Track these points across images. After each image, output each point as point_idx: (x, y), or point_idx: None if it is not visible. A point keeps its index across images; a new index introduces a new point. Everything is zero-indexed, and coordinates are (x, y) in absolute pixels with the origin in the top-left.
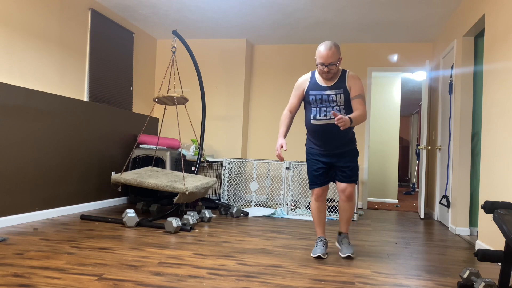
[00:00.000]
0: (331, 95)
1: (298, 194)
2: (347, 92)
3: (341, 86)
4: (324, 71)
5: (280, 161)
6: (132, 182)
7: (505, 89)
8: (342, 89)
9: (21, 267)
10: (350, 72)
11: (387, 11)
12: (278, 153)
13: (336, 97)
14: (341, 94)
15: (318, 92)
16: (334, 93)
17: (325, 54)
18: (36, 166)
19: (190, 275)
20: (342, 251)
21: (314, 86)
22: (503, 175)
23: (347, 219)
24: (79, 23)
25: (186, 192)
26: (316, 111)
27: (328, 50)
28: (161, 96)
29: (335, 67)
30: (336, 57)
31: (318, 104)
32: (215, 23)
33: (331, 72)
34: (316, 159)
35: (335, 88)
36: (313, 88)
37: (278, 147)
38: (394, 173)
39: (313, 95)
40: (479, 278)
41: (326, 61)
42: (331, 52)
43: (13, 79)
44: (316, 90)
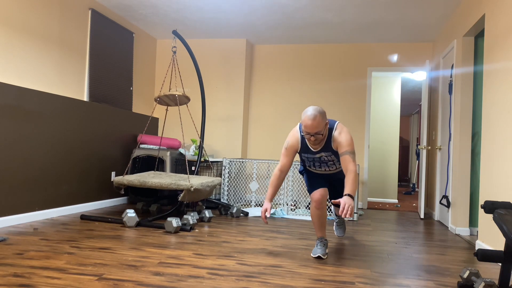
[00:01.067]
0: (322, 156)
1: (298, 194)
2: (335, 152)
3: (329, 150)
4: (311, 139)
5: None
6: (135, 183)
7: (505, 89)
8: (330, 152)
9: (21, 267)
10: (337, 129)
11: (387, 11)
12: (263, 217)
13: (328, 158)
14: (331, 155)
15: (310, 156)
16: (325, 155)
17: (310, 124)
18: (36, 166)
19: (190, 275)
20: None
21: (305, 149)
22: (503, 175)
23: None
24: (79, 23)
25: (191, 188)
26: (310, 164)
27: (313, 121)
28: (162, 95)
29: (321, 136)
30: (321, 125)
31: (311, 161)
32: (215, 23)
33: (317, 140)
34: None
35: (324, 151)
36: (304, 151)
37: (263, 211)
38: (394, 173)
39: (306, 157)
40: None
41: (312, 131)
42: (316, 122)
43: (13, 79)
44: (308, 154)
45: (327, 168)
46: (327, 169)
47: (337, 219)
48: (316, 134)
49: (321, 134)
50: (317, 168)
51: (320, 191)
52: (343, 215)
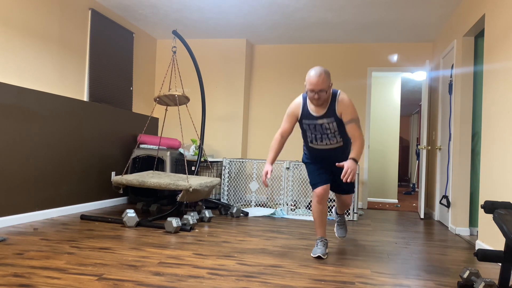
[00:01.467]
0: (323, 124)
1: (298, 194)
2: (338, 119)
3: (332, 115)
4: (314, 97)
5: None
6: (134, 183)
7: (505, 89)
8: (333, 118)
9: (21, 267)
10: (340, 95)
11: (387, 11)
12: (264, 180)
13: (329, 125)
14: (333, 122)
15: (311, 122)
16: (326, 121)
17: (315, 81)
18: (36, 166)
19: (190, 275)
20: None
21: (307, 116)
22: (503, 175)
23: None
24: (79, 23)
25: (190, 189)
26: (312, 137)
27: (318, 77)
28: (162, 95)
29: (325, 94)
30: (326, 84)
31: (313, 131)
32: (215, 23)
33: (321, 99)
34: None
35: (326, 117)
36: (305, 117)
37: (264, 173)
38: (394, 173)
39: (307, 124)
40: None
41: (316, 88)
42: (321, 79)
43: (13, 79)
44: (309, 120)
45: (327, 142)
46: (328, 143)
47: (338, 218)
48: (320, 92)
49: (325, 92)
50: (318, 143)
51: (323, 186)
52: (344, 179)
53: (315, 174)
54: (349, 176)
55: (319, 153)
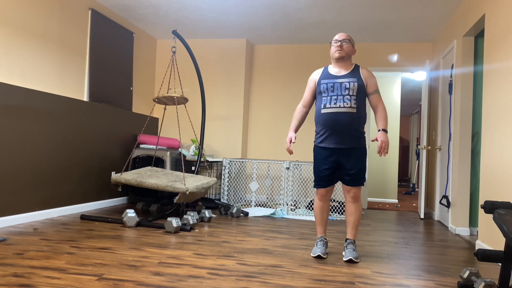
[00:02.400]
0: (344, 82)
1: (298, 194)
2: (361, 81)
3: (356, 76)
4: (338, 47)
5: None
6: (132, 182)
7: (505, 89)
8: (356, 78)
9: (21, 267)
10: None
11: (387, 11)
12: (287, 147)
13: (350, 85)
14: (355, 82)
15: (330, 81)
16: (348, 81)
17: (340, 34)
18: (36, 166)
19: (190, 275)
20: (345, 255)
21: (326, 76)
22: (503, 175)
23: (353, 224)
24: (79, 23)
25: (186, 192)
26: (326, 100)
27: (343, 33)
28: (161, 96)
29: (349, 45)
30: (350, 39)
31: (329, 92)
32: (215, 23)
33: (344, 49)
34: (324, 160)
35: (349, 76)
36: (325, 78)
37: (288, 140)
38: (394, 173)
39: (325, 83)
40: (479, 278)
41: (340, 37)
42: (346, 34)
43: (13, 79)
44: (328, 79)
45: (342, 103)
46: (342, 105)
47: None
48: (343, 41)
49: (349, 43)
50: (332, 105)
51: (325, 188)
52: (380, 153)
53: (320, 174)
54: (384, 149)
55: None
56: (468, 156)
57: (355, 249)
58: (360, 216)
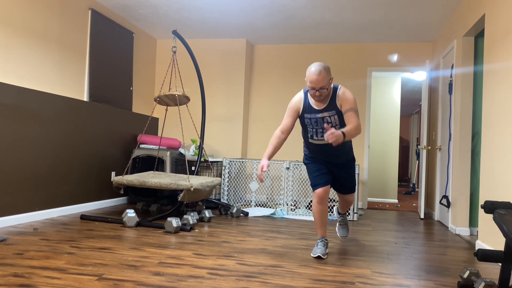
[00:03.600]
0: (325, 117)
1: (298, 194)
2: (339, 111)
3: (333, 108)
4: (316, 94)
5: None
6: (135, 183)
7: (505, 89)
8: (334, 111)
9: (21, 267)
10: (341, 89)
11: (387, 11)
12: (259, 174)
13: (330, 119)
14: (334, 115)
15: (313, 115)
16: (328, 115)
17: (315, 79)
18: (36, 166)
19: (190, 275)
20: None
21: (308, 109)
22: (503, 175)
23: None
24: (79, 23)
25: (191, 188)
26: (312, 132)
27: (318, 75)
28: (162, 95)
29: (326, 90)
30: (326, 80)
31: (314, 125)
32: (215, 23)
33: (322, 95)
34: (317, 162)
35: (328, 110)
36: (307, 111)
37: (259, 167)
38: (394, 173)
39: (308, 118)
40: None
41: (317, 86)
42: (321, 77)
43: (13, 79)
44: (311, 113)
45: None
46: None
47: (340, 218)
48: (321, 89)
49: (326, 89)
50: (318, 137)
51: (323, 187)
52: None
53: (315, 175)
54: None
55: (319, 150)
56: (468, 156)
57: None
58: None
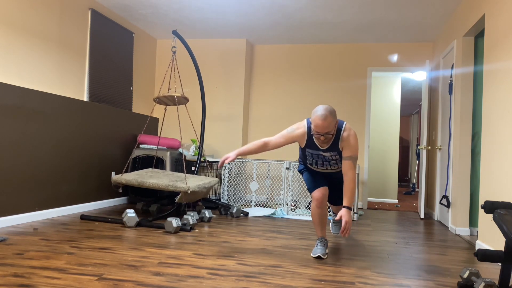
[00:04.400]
0: (327, 156)
1: (298, 194)
2: (341, 152)
3: (335, 149)
4: (320, 138)
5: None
6: (133, 183)
7: (505, 89)
8: (336, 152)
9: (21, 267)
10: (345, 131)
11: (387, 11)
12: (222, 160)
13: (332, 157)
14: (336, 155)
15: (315, 152)
16: (330, 154)
17: (321, 124)
18: (36, 166)
19: (190, 275)
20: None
21: (311, 145)
22: (503, 175)
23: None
24: (79, 23)
25: (188, 191)
26: (312, 161)
27: (324, 121)
28: (161, 96)
29: (331, 136)
30: (332, 125)
31: (315, 158)
32: (215, 23)
33: (326, 139)
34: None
35: (330, 150)
36: (309, 147)
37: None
38: (394, 173)
39: (310, 153)
40: (479, 278)
41: (322, 131)
42: (327, 123)
43: (13, 79)
44: (313, 150)
45: (329, 167)
46: (329, 168)
47: (334, 216)
48: (326, 134)
49: (331, 134)
50: (318, 167)
51: (321, 190)
52: (343, 234)
53: (312, 179)
54: (347, 231)
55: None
56: (468, 156)
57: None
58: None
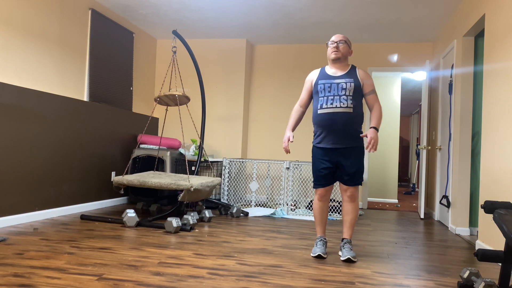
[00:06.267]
0: (341, 83)
1: (298, 194)
2: (358, 82)
3: (353, 76)
4: (334, 48)
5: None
6: (135, 183)
7: (505, 89)
8: (353, 79)
9: (21, 267)
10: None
11: (387, 11)
12: (285, 146)
13: (346, 85)
14: (352, 83)
15: (327, 81)
16: (345, 81)
17: (337, 35)
18: (36, 166)
19: (190, 275)
20: (343, 254)
21: (324, 76)
22: (503, 175)
23: (350, 223)
24: (79, 23)
25: (191, 188)
26: (323, 100)
27: (340, 34)
28: (162, 95)
29: (345, 46)
30: (347, 43)
31: (326, 93)
32: (215, 23)
33: (340, 50)
34: (322, 159)
35: (346, 77)
36: (322, 78)
37: (285, 139)
38: (394, 173)
39: (322, 84)
40: (479, 278)
41: (337, 38)
42: (342, 36)
43: (13, 79)
44: (325, 79)
45: (338, 103)
46: (338, 105)
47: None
48: (340, 42)
49: (345, 44)
50: (328, 105)
51: (325, 187)
52: (369, 149)
53: (318, 173)
54: (373, 146)
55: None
56: (468, 156)
57: (351, 249)
58: (357, 216)
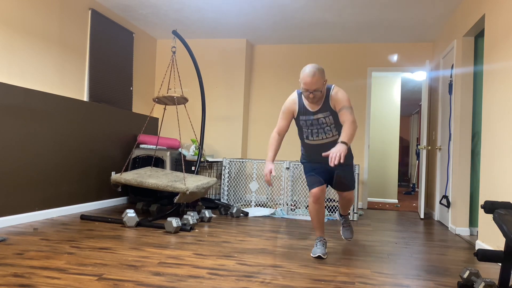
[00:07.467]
0: (320, 118)
1: (298, 194)
2: (334, 112)
3: (327, 109)
4: (310, 96)
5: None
6: (132, 182)
7: (505, 89)
8: (328, 112)
9: (21, 267)
10: (334, 89)
11: (387, 11)
12: (267, 179)
13: (325, 120)
14: (329, 116)
15: (308, 117)
16: (323, 116)
17: (309, 81)
18: (36, 166)
19: (190, 275)
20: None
21: (303, 111)
22: (503, 175)
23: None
24: (79, 23)
25: (186, 192)
26: (308, 133)
27: (312, 77)
28: (161, 96)
29: (319, 93)
30: (320, 82)
31: (309, 127)
32: (215, 23)
33: (316, 97)
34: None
35: (322, 111)
36: (302, 114)
37: (267, 172)
38: (394, 173)
39: (304, 120)
40: (479, 278)
41: (311, 88)
42: (315, 79)
43: (13, 79)
44: (306, 116)
45: (323, 136)
46: (324, 137)
47: (342, 219)
48: (315, 91)
49: (320, 91)
50: (314, 138)
51: (319, 187)
52: (331, 163)
53: (311, 174)
54: (334, 159)
55: (315, 150)
56: (468, 156)
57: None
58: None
